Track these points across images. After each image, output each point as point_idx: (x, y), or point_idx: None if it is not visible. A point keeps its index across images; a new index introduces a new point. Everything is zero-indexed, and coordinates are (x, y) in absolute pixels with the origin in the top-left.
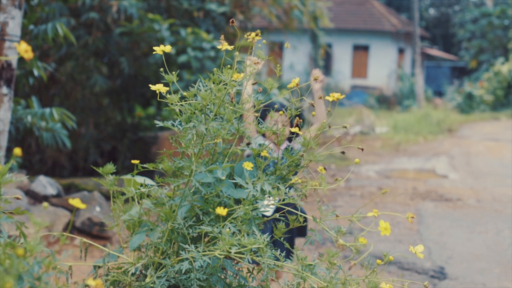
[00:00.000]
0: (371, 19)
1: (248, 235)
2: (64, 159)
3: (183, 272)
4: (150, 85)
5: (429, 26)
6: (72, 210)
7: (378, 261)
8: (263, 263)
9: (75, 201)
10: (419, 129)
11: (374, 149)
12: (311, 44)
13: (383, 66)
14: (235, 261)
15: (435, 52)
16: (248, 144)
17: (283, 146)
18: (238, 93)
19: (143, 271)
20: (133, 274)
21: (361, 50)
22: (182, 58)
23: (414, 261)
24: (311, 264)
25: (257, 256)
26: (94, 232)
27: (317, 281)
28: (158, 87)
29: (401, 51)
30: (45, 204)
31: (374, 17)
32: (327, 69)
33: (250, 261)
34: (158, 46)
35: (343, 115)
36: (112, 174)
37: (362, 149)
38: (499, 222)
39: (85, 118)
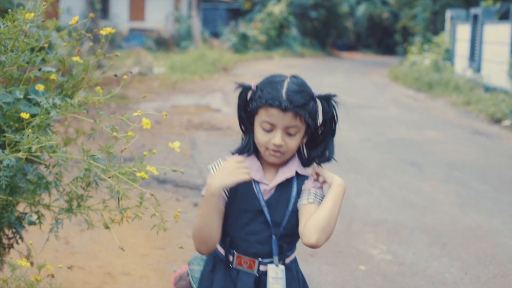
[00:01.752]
0: None
1: None
2: None
3: None
4: None
5: None
6: None
7: (145, 153)
8: (57, 158)
9: None
10: (195, 69)
11: (153, 88)
12: None
13: (161, 9)
14: (34, 166)
15: None
16: (39, 69)
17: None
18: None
19: None
20: None
21: None
22: None
23: (188, 179)
24: (94, 155)
25: (53, 153)
26: None
27: (98, 166)
28: None
29: None
30: None
31: None
32: (104, 12)
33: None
34: None
35: (122, 58)
36: None
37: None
38: None
39: None
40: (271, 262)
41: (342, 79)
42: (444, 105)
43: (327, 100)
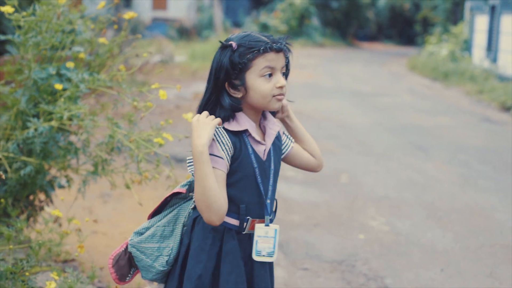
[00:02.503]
0: None
1: None
2: None
3: (29, 137)
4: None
5: None
6: None
7: (162, 122)
8: (85, 125)
9: None
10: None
11: (174, 76)
12: None
13: None
14: (64, 134)
15: None
16: (70, 49)
17: None
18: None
19: None
20: None
21: None
22: None
23: None
24: (117, 122)
25: (82, 121)
26: None
27: (121, 131)
28: (7, 9)
29: None
30: None
31: None
32: (127, 1)
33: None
34: None
35: (144, 46)
36: None
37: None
38: None
39: None
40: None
41: (360, 68)
42: (458, 93)
43: (286, 41)
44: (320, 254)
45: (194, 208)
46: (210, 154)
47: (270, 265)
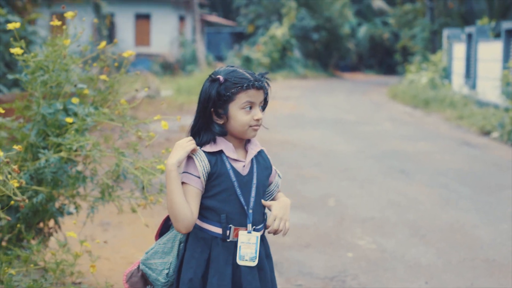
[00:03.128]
0: None
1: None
2: None
3: (41, 167)
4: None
5: None
6: None
7: (163, 150)
8: (93, 155)
9: None
10: (199, 91)
11: (160, 110)
12: (94, 14)
13: (165, 34)
14: (72, 164)
15: (214, 18)
16: (75, 85)
17: None
18: None
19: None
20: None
21: (143, 18)
22: None
23: None
24: (123, 151)
25: (89, 151)
26: None
27: (127, 160)
28: (17, 51)
29: (182, 19)
30: None
31: None
32: (111, 38)
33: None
34: None
35: (130, 82)
36: None
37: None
38: None
39: None
40: (261, 229)
41: (342, 98)
42: (438, 120)
43: (264, 77)
44: (312, 271)
45: None
46: (187, 173)
47: (271, 270)
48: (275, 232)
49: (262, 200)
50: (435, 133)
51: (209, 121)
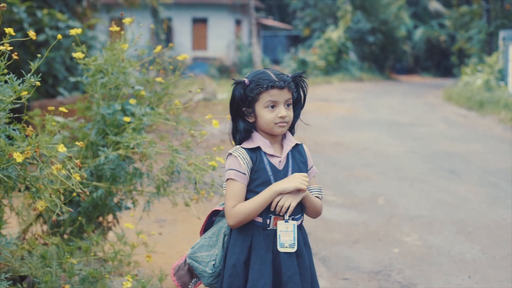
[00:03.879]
0: None
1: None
2: None
3: (100, 164)
4: (73, 54)
5: None
6: None
7: (214, 148)
8: (149, 153)
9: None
10: None
11: (217, 113)
12: (152, 19)
13: (222, 38)
14: (130, 161)
15: (270, 22)
16: (132, 87)
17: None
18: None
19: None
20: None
21: (200, 22)
22: (41, 37)
23: None
24: (177, 149)
25: (145, 149)
26: None
27: (179, 156)
28: (78, 55)
29: (238, 22)
30: None
31: None
32: (168, 42)
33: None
34: (18, 27)
35: (187, 85)
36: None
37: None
38: (318, 159)
39: None
40: (299, 219)
41: (397, 100)
42: (492, 121)
43: (299, 77)
44: (359, 266)
45: None
46: (234, 170)
47: (309, 257)
48: (278, 210)
49: None
50: (488, 135)
51: (242, 119)
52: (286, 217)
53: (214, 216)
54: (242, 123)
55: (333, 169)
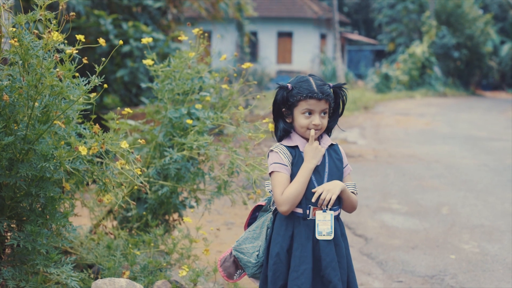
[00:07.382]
0: (294, 6)
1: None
2: None
3: (166, 164)
4: (143, 60)
5: (350, 12)
6: None
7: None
8: (210, 154)
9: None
10: None
11: None
12: (237, 33)
13: (307, 52)
14: (193, 162)
15: (355, 36)
16: (198, 93)
17: None
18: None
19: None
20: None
21: (285, 36)
22: (125, 48)
23: None
24: (236, 150)
25: (207, 150)
26: None
27: (238, 157)
28: (148, 62)
29: (323, 37)
30: None
31: (297, 4)
32: (253, 55)
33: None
34: (104, 38)
35: (268, 98)
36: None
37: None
38: (388, 169)
39: None
40: (336, 209)
41: (478, 115)
42: None
43: (339, 87)
44: (414, 270)
45: (274, 214)
46: (278, 163)
47: (346, 247)
48: (320, 202)
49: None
50: None
51: (282, 119)
52: (324, 207)
53: (257, 212)
54: (282, 123)
55: (401, 179)
